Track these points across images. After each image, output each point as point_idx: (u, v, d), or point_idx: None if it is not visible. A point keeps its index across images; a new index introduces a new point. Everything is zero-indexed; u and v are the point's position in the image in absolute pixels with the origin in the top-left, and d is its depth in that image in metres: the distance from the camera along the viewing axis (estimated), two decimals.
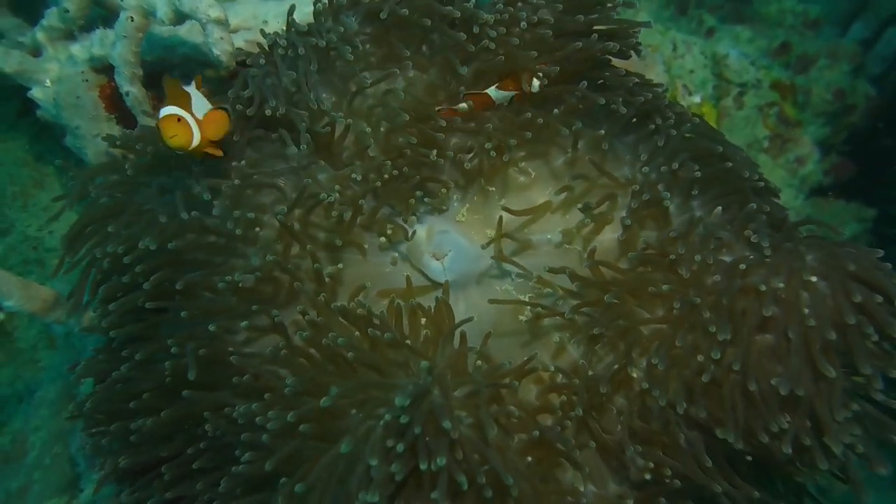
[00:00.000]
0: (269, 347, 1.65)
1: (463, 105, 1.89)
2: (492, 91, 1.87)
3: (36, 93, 2.18)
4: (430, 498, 1.34)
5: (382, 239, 1.94)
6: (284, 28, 1.91)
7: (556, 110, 1.88)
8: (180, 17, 2.05)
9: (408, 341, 1.60)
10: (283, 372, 1.59)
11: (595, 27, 1.86)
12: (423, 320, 1.74)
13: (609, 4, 1.89)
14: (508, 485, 1.38)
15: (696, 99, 2.76)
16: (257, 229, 1.76)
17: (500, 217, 1.85)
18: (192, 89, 1.71)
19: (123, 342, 1.67)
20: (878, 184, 3.24)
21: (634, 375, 1.70)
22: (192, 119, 1.66)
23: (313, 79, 1.85)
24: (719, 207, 1.81)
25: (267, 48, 1.88)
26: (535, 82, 1.84)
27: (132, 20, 2.03)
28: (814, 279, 1.60)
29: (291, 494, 1.40)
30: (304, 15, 1.91)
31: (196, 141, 1.66)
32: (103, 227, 1.68)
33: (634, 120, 1.93)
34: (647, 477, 1.63)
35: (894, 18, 3.49)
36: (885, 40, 3.47)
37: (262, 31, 1.95)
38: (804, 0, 3.24)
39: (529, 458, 1.59)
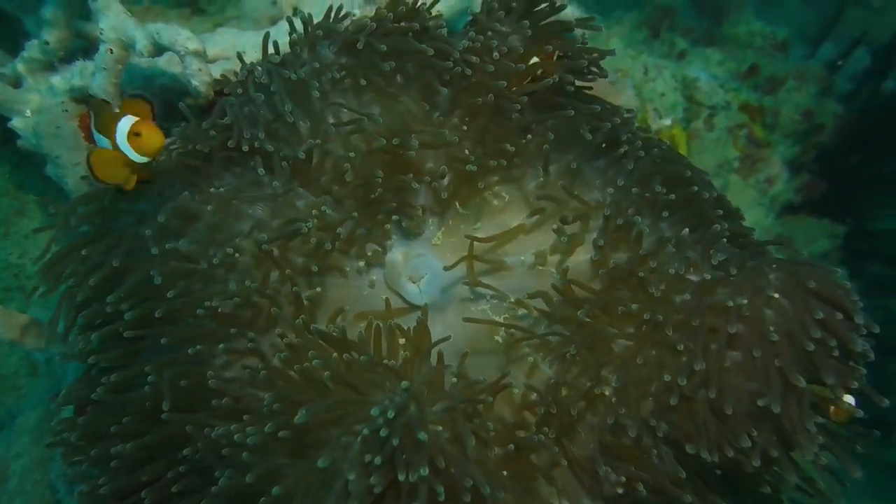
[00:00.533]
0: (248, 370, 1.68)
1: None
2: None
3: (16, 123, 2.21)
4: None
5: (360, 263, 1.98)
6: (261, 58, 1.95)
7: (527, 137, 1.93)
8: (159, 50, 2.09)
9: (385, 361, 1.64)
10: (262, 394, 1.61)
11: (559, 55, 1.92)
12: (402, 341, 1.78)
13: (576, 31, 1.95)
14: (486, 494, 1.42)
15: (667, 122, 2.82)
16: (236, 255, 1.80)
17: (472, 243, 1.90)
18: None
19: (103, 370, 1.69)
20: (847, 200, 3.32)
21: (606, 393, 1.74)
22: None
23: (289, 108, 1.89)
24: (686, 229, 1.86)
25: (243, 78, 1.92)
26: None
27: (111, 52, 2.07)
28: (776, 296, 1.65)
29: None
30: (283, 45, 1.96)
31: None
32: (81, 254, 1.71)
33: (603, 145, 1.98)
34: (620, 491, 1.66)
35: (863, 38, 3.59)
36: (853, 60, 3.56)
37: (239, 57, 1.99)
38: (772, 22, 3.32)
39: (505, 473, 1.63)
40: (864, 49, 3.57)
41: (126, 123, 1.59)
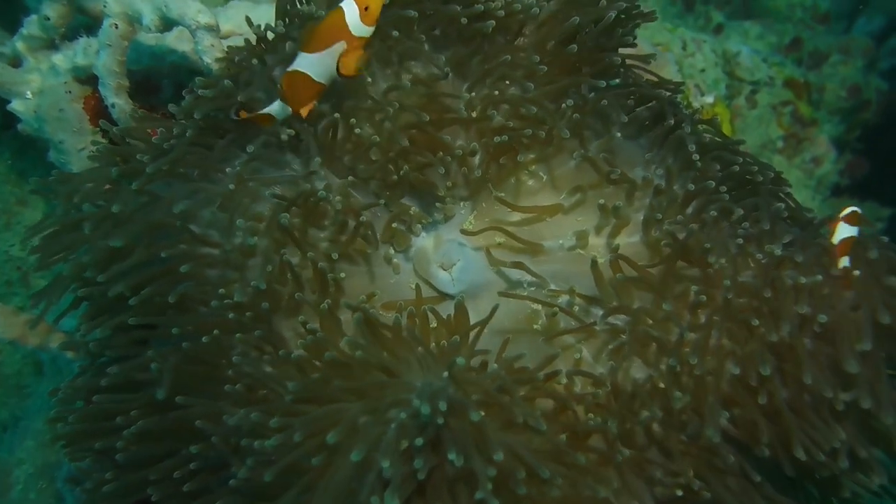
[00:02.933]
0: (267, 357, 1.54)
1: None
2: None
3: (16, 105, 2.08)
4: (475, 498, 1.24)
5: (387, 249, 1.84)
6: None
7: (564, 104, 1.77)
8: (168, 24, 1.95)
9: (420, 349, 1.49)
10: (283, 381, 1.48)
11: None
12: (435, 324, 1.63)
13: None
14: (545, 477, 1.28)
15: (709, 99, 2.66)
16: (255, 239, 1.65)
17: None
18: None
19: (110, 361, 1.55)
20: (891, 180, 3.15)
21: (662, 385, 1.58)
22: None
23: None
24: (740, 210, 1.71)
25: (255, 46, 1.78)
26: None
27: (116, 28, 1.93)
28: (856, 273, 1.51)
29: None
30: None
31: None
32: (84, 234, 1.56)
33: (647, 122, 1.84)
34: (679, 494, 1.52)
35: None
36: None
37: (248, 22, 1.83)
38: None
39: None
40: None
41: (352, 8, 1.50)
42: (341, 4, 1.50)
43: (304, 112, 1.55)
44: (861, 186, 3.10)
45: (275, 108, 1.58)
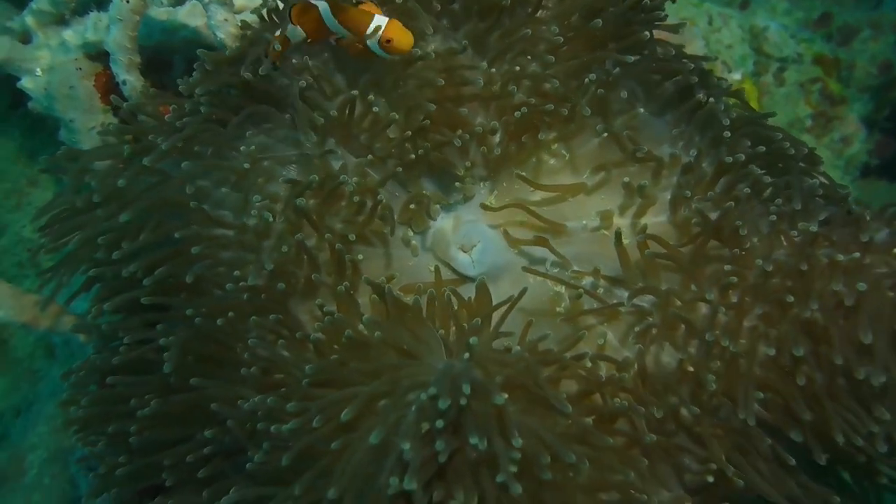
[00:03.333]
0: (282, 341, 1.50)
1: None
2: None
3: (26, 83, 2.04)
4: (497, 481, 1.19)
5: (406, 230, 1.79)
6: None
7: (588, 78, 1.70)
8: None
9: (441, 331, 1.44)
10: (300, 364, 1.45)
11: None
12: (456, 306, 1.58)
13: None
14: (569, 461, 1.24)
15: (737, 76, 2.59)
16: (270, 219, 1.61)
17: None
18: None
19: (122, 344, 1.51)
20: None
21: (691, 369, 1.53)
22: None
23: (326, 55, 1.69)
24: (771, 186, 1.64)
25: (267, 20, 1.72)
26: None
27: (127, 2, 1.88)
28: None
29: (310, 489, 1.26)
30: None
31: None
32: (96, 214, 1.52)
33: (674, 98, 1.77)
34: (710, 480, 1.47)
35: None
36: None
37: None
38: None
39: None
40: None
41: (376, 30, 1.55)
42: (376, 15, 1.54)
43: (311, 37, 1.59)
44: (888, 166, 3.01)
45: (289, 30, 1.58)
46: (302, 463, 1.29)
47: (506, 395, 1.25)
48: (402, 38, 1.55)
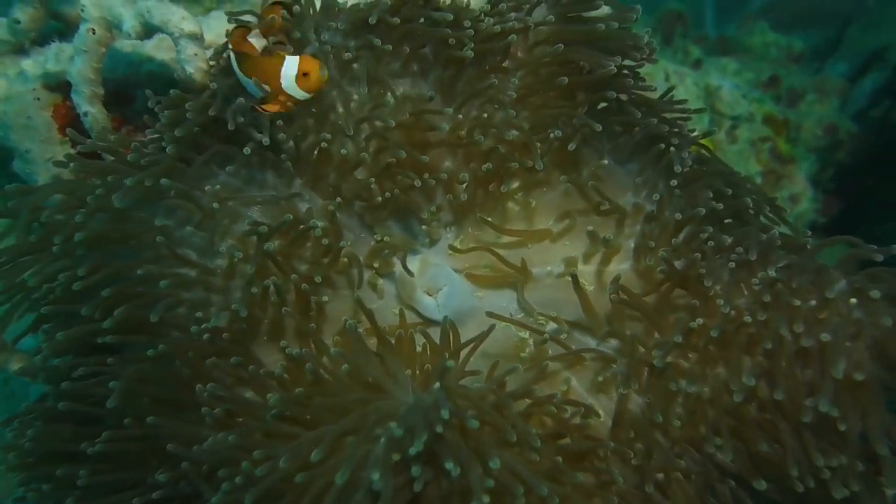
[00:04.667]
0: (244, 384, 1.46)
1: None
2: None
3: None
4: None
5: (372, 273, 1.77)
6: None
7: (553, 133, 1.73)
8: (149, 31, 1.86)
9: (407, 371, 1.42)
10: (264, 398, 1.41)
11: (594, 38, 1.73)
12: (423, 345, 1.57)
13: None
14: (543, 495, 1.23)
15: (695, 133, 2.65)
16: (236, 260, 1.57)
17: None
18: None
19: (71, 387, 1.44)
20: (861, 222, 3.17)
21: (660, 418, 1.53)
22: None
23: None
24: (729, 238, 1.68)
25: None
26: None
27: (94, 33, 1.84)
28: (853, 301, 1.48)
29: None
30: None
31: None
32: (51, 252, 1.46)
33: (638, 146, 1.80)
34: None
35: (875, 56, 3.49)
36: (869, 78, 3.45)
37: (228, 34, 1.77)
38: (786, 33, 3.20)
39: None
40: (877, 69, 3.46)
41: (292, 66, 1.50)
42: (286, 56, 1.50)
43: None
44: (830, 226, 3.11)
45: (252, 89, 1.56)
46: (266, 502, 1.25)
47: (477, 423, 1.23)
48: (317, 68, 1.50)
